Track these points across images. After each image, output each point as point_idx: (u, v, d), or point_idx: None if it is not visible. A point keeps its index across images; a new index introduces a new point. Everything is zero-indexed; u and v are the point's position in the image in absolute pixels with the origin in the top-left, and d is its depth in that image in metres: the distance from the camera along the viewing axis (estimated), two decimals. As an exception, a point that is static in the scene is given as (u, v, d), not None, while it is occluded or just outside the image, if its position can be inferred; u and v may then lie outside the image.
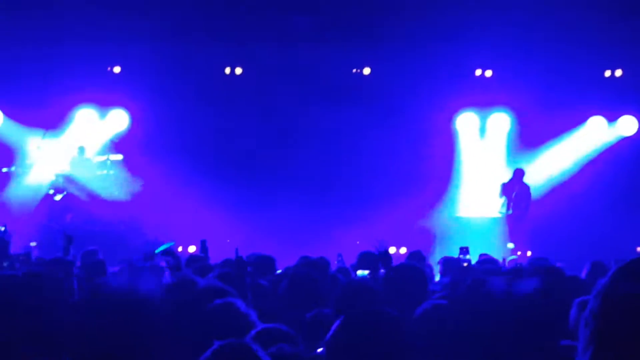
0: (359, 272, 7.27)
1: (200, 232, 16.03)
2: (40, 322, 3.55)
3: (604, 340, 2.25)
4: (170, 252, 9.77)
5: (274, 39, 19.60)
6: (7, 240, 10.92)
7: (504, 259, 11.53)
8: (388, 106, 19.89)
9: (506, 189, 18.82)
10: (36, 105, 19.40)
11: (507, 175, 19.17)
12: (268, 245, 14.47)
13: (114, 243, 15.59)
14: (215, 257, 11.02)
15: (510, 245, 17.64)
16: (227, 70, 20.46)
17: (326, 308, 5.48)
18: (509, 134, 20.73)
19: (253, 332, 4.25)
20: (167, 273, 7.29)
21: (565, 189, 19.97)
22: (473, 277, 4.58)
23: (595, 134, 20.39)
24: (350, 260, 10.47)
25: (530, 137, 20.24)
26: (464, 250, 9.69)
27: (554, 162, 20.26)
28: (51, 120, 19.78)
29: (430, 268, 10.77)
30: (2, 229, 13.08)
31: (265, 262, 9.41)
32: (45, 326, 3.54)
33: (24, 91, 19.48)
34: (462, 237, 16.69)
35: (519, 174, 18.93)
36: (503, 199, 18.84)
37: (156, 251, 9.78)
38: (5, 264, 8.62)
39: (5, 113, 20.19)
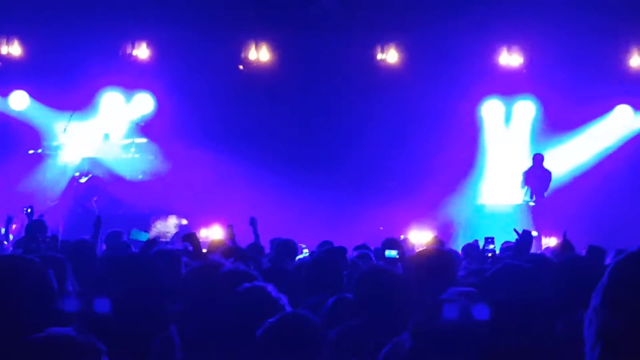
0: (387, 253, 7.23)
1: (223, 216, 16.13)
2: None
3: (610, 337, 2.23)
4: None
5: (301, 25, 19.60)
6: (44, 223, 11.01)
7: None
8: (413, 93, 19.82)
9: (528, 177, 18.71)
10: (62, 88, 19.49)
11: (528, 163, 19.04)
12: (291, 229, 14.52)
13: (138, 226, 15.66)
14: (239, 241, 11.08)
15: (534, 234, 17.56)
16: (253, 56, 20.46)
17: (347, 293, 5.49)
18: (534, 122, 20.62)
19: (276, 317, 4.27)
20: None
21: (590, 177, 19.84)
22: (502, 263, 4.59)
23: (621, 123, 20.25)
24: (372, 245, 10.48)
25: (555, 125, 20.12)
26: (489, 241, 9.63)
27: (579, 150, 20.13)
28: (77, 103, 19.85)
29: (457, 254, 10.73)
30: (29, 210, 13.21)
31: (287, 247, 9.44)
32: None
33: (50, 74, 19.58)
34: (486, 225, 16.64)
35: (538, 159, 18.81)
36: (525, 188, 18.74)
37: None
38: (32, 246, 8.68)
39: (32, 95, 20.29)
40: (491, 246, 8.87)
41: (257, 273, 5.43)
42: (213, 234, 16.67)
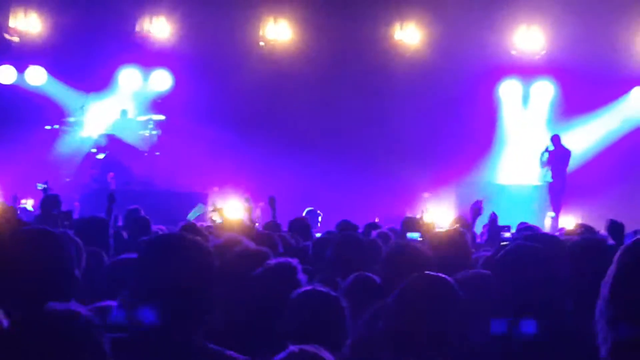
0: (409, 235, 7.20)
1: (238, 194, 16.13)
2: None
3: (621, 325, 2.20)
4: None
5: (320, 2, 19.54)
6: (58, 198, 11.01)
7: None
8: (431, 72, 19.76)
9: (548, 158, 18.61)
10: (80, 64, 19.48)
11: (545, 143, 18.91)
12: (306, 206, 14.53)
13: (154, 203, 15.67)
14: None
15: (551, 214, 17.52)
16: (272, 33, 20.41)
17: (367, 271, 5.46)
18: (552, 103, 20.55)
19: (294, 293, 4.27)
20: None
21: (607, 158, 19.75)
22: (515, 243, 4.55)
23: (638, 105, 20.17)
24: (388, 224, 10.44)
25: (572, 106, 20.03)
26: (505, 228, 9.57)
27: (595, 132, 20.05)
28: (95, 79, 19.86)
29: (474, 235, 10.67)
30: (45, 186, 13.22)
31: (300, 225, 9.41)
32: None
33: (68, 50, 19.58)
34: (503, 205, 16.56)
35: (556, 139, 18.70)
36: (546, 168, 18.64)
37: (189, 217, 9.82)
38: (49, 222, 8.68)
39: (49, 71, 20.30)
40: (507, 234, 8.75)
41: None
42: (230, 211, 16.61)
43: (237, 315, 4.45)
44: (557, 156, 18.48)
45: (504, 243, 8.54)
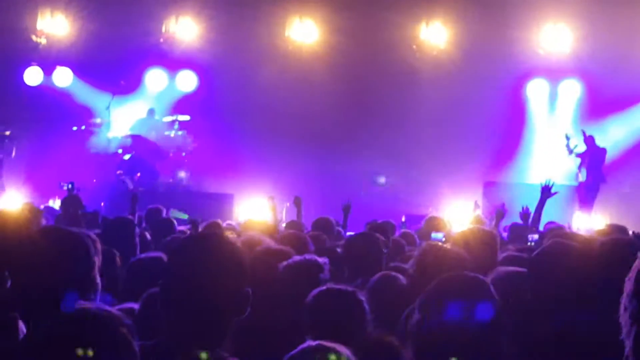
0: (434, 235, 7.13)
1: (262, 194, 16.09)
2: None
3: None
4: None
5: (344, 6, 19.50)
6: (79, 198, 11.03)
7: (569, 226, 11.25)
8: (458, 71, 19.68)
9: (582, 158, 18.47)
10: (106, 65, 19.53)
11: (577, 143, 18.77)
12: (331, 207, 14.46)
13: (180, 203, 15.69)
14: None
15: (581, 214, 17.34)
16: (297, 33, 20.40)
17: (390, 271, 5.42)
18: (579, 102, 20.43)
19: (313, 291, 4.24)
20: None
21: (634, 158, 19.60)
22: (552, 241, 4.50)
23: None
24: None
25: (600, 106, 19.88)
26: (533, 230, 9.47)
27: (623, 131, 19.89)
28: (121, 80, 19.90)
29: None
30: (70, 186, 13.24)
31: (324, 224, 9.35)
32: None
33: (94, 51, 19.62)
34: (530, 205, 16.41)
35: (590, 140, 18.56)
36: (581, 169, 18.52)
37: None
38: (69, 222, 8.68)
39: (75, 72, 20.38)
40: (535, 235, 8.64)
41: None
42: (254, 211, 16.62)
43: (259, 313, 4.41)
44: (591, 156, 18.33)
45: (531, 244, 8.46)
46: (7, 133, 18.99)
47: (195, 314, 3.16)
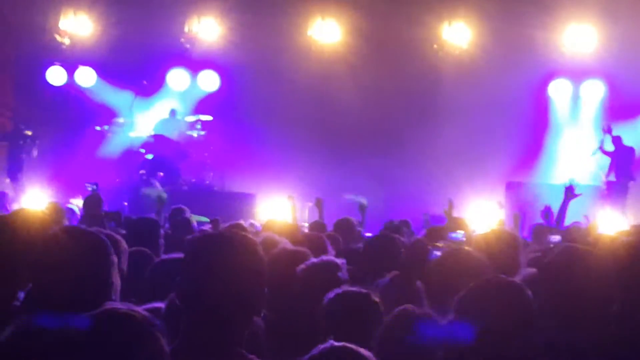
0: (453, 235, 7.10)
1: (284, 194, 16.09)
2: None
3: None
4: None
5: (367, 6, 19.49)
6: (100, 198, 11.07)
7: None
8: (481, 72, 19.63)
9: (612, 158, 18.37)
10: (129, 65, 19.59)
11: (605, 144, 18.66)
12: (353, 207, 14.42)
13: (203, 203, 15.71)
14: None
15: (608, 214, 17.20)
16: (318, 35, 20.39)
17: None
18: (602, 102, 20.32)
19: (329, 294, 4.24)
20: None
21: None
22: (564, 245, 4.46)
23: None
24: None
25: (623, 106, 19.76)
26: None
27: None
28: (143, 80, 19.96)
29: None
30: (94, 187, 13.31)
31: (344, 225, 9.32)
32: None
33: (117, 51, 19.69)
34: (554, 205, 16.33)
35: (617, 140, 18.46)
36: (608, 168, 18.45)
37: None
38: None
39: (98, 72, 20.45)
40: (557, 236, 8.58)
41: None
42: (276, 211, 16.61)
43: (277, 314, 4.42)
44: (619, 155, 18.24)
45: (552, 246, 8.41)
46: (29, 133, 19.11)
47: (211, 313, 3.16)
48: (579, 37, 19.84)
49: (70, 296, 3.17)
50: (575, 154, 19.92)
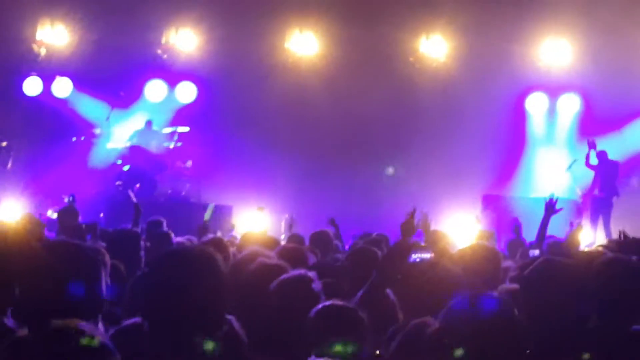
0: (414, 256, 7.09)
1: (263, 205, 16.10)
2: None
3: None
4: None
5: (344, 18, 19.54)
6: (74, 210, 11.02)
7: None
8: (457, 84, 19.71)
9: (596, 173, 18.44)
10: (106, 76, 19.53)
11: (590, 158, 18.74)
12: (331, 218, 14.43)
13: (180, 214, 15.66)
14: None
15: (590, 228, 17.26)
16: (297, 45, 20.41)
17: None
18: (578, 116, 20.45)
19: (315, 308, 4.25)
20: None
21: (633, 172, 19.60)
22: (543, 258, 4.48)
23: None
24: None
25: (599, 120, 19.87)
26: (534, 245, 9.46)
27: (623, 144, 19.87)
28: (120, 92, 19.89)
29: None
30: (70, 199, 13.24)
31: (322, 238, 9.30)
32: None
33: (94, 62, 19.62)
34: (532, 219, 16.40)
35: (602, 155, 18.51)
36: (581, 183, 18.55)
37: (206, 218, 9.74)
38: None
39: (75, 83, 20.37)
40: (537, 251, 8.57)
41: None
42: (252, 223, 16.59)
43: (257, 328, 4.41)
44: (604, 171, 18.28)
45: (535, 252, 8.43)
46: (4, 144, 18.97)
47: (170, 328, 3.19)
48: (554, 52, 19.96)
49: (64, 311, 3.15)
50: (551, 167, 20.00)
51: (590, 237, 16.31)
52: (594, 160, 18.59)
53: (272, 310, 4.52)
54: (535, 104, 20.68)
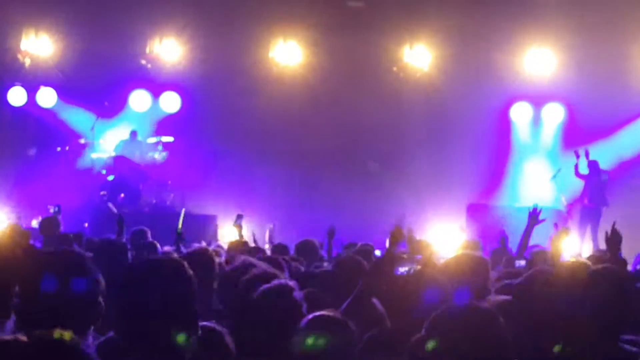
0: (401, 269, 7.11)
1: (248, 214, 16.07)
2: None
3: None
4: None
5: (328, 28, 19.57)
6: (57, 220, 10.98)
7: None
8: (442, 94, 19.76)
9: (586, 183, 18.47)
10: (90, 86, 19.50)
11: (573, 167, 18.79)
12: (315, 229, 14.43)
13: (164, 224, 15.62)
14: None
15: (577, 238, 17.29)
16: (281, 55, 20.43)
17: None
18: (562, 126, 20.51)
19: (305, 319, 4.25)
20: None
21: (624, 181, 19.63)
22: (534, 270, 4.50)
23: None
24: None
25: (583, 129, 19.94)
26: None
27: (609, 153, 19.94)
28: (105, 102, 19.86)
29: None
30: (56, 209, 13.19)
31: (307, 247, 9.31)
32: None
33: (78, 72, 19.61)
34: (518, 228, 16.43)
35: (593, 165, 18.55)
36: (565, 192, 18.60)
37: (178, 230, 9.71)
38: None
39: (59, 93, 20.32)
40: (522, 261, 8.59)
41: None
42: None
43: (245, 338, 4.42)
44: (594, 181, 18.32)
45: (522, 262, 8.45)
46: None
47: (142, 339, 3.22)
48: (539, 61, 20.03)
49: (62, 320, 3.15)
50: (536, 177, 20.05)
51: (577, 247, 16.34)
52: (583, 170, 18.64)
53: (255, 319, 4.54)
54: (520, 114, 20.73)
